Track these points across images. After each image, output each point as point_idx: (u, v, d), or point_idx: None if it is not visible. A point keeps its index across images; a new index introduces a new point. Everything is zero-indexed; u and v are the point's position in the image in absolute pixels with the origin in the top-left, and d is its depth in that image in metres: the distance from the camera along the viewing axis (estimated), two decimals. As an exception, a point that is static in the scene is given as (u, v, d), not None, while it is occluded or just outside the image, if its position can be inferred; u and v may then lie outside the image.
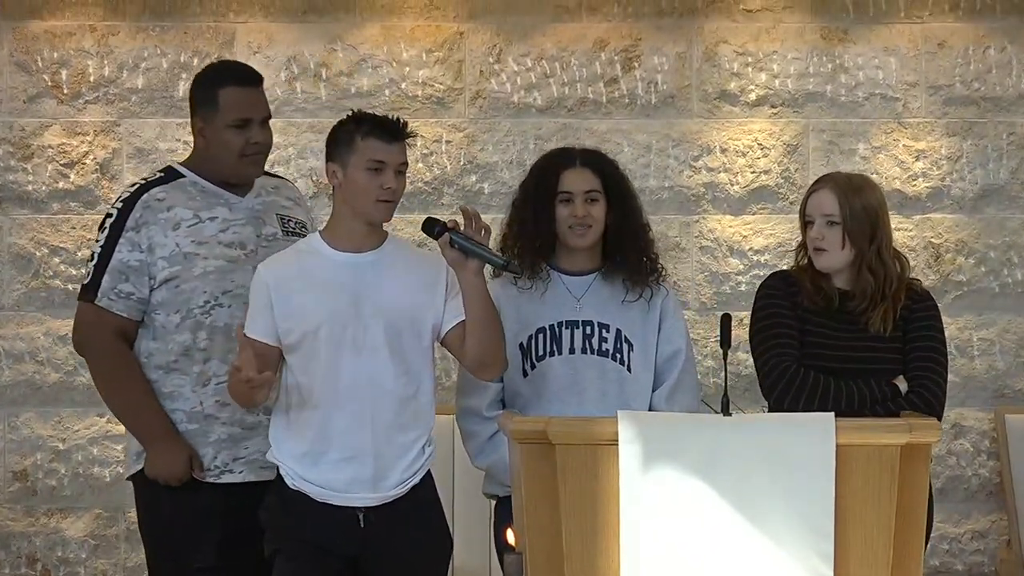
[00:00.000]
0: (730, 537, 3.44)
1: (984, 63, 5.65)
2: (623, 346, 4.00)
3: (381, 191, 3.74)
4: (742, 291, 5.54)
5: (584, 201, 3.96)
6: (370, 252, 3.80)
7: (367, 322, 3.74)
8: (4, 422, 5.57)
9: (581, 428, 3.55)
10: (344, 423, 3.75)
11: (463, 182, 5.60)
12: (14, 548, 5.56)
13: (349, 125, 3.79)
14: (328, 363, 3.75)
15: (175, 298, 4.03)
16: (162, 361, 4.05)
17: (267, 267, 3.83)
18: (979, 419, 5.63)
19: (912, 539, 3.54)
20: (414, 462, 3.81)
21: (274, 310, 3.76)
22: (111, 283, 4.04)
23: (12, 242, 5.58)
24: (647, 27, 5.63)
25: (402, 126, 3.78)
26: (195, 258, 4.02)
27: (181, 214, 4.05)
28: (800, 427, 3.50)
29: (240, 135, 4.05)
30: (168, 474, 4.01)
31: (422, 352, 3.82)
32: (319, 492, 3.77)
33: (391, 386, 3.76)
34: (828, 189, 4.05)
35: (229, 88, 4.07)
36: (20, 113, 5.59)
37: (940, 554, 5.59)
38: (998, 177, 5.65)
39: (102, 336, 4.06)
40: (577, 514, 3.49)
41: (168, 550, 4.07)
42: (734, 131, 5.64)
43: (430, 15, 5.62)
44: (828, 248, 4.03)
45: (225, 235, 4.06)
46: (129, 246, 4.04)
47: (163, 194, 4.08)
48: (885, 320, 4.02)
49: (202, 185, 4.11)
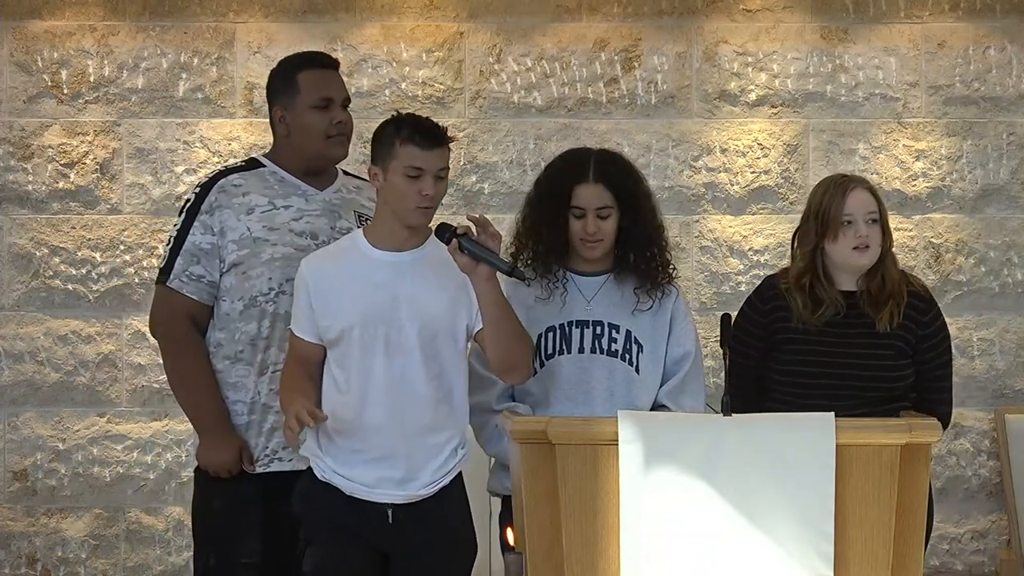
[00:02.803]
0: (730, 537, 3.44)
1: (984, 63, 5.65)
2: (632, 347, 3.99)
3: (419, 197, 3.74)
4: (742, 291, 5.54)
5: (596, 217, 3.97)
6: (410, 252, 3.81)
7: (402, 323, 3.75)
8: (4, 422, 5.57)
9: (581, 428, 3.55)
10: (377, 423, 3.75)
11: (463, 182, 5.60)
12: (14, 548, 5.56)
13: (389, 128, 3.78)
14: (361, 362, 3.76)
15: (241, 284, 4.03)
16: (230, 351, 4.05)
17: (308, 263, 3.85)
18: (979, 419, 5.64)
19: (912, 539, 3.54)
20: (445, 463, 3.81)
21: (313, 307, 3.78)
22: (183, 265, 4.06)
23: (12, 242, 5.58)
24: (647, 27, 5.63)
25: (442, 131, 3.77)
26: (264, 244, 4.02)
27: (256, 200, 4.06)
28: (800, 427, 3.50)
29: (324, 116, 4.07)
30: (218, 464, 4.02)
31: (456, 354, 3.81)
32: (348, 486, 3.77)
33: (423, 388, 3.76)
34: (863, 188, 4.09)
35: (308, 71, 4.09)
36: (20, 113, 5.59)
37: (940, 554, 5.60)
38: (998, 177, 5.66)
39: (172, 320, 4.08)
40: (577, 514, 3.49)
41: (215, 544, 4.07)
42: (734, 131, 5.64)
43: (430, 15, 5.62)
44: (872, 245, 4.06)
45: (298, 224, 4.05)
46: (202, 229, 4.05)
47: (240, 180, 4.09)
48: (892, 318, 4.05)
49: (281, 175, 4.12)
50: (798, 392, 4.02)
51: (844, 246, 4.05)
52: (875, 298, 4.07)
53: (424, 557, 3.80)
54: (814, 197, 4.13)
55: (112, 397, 5.57)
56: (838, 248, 4.05)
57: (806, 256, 4.10)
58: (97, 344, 5.56)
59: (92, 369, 5.56)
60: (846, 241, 4.05)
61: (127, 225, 5.56)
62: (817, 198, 4.11)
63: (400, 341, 3.74)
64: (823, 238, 4.07)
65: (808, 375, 4.04)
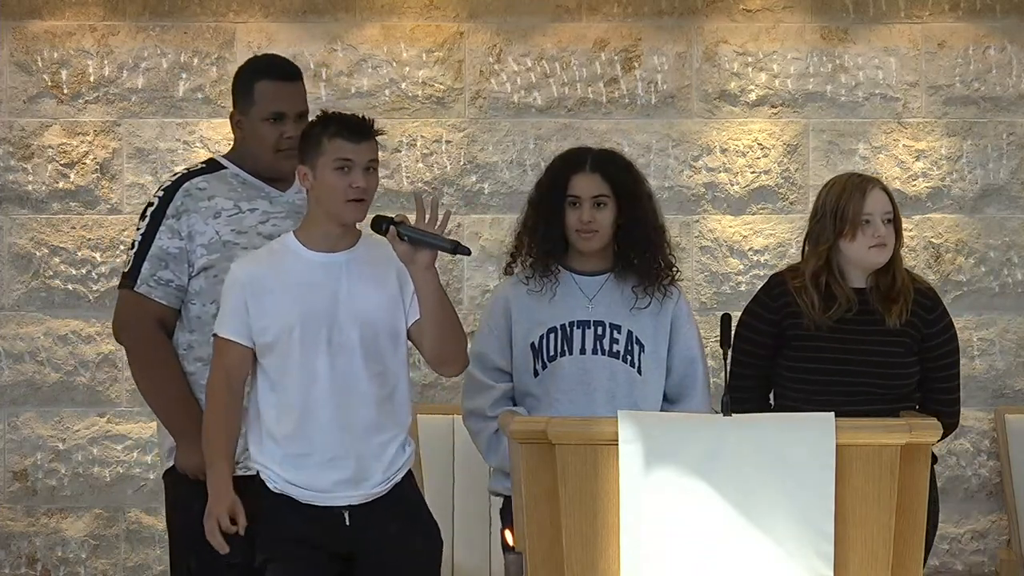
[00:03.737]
0: (730, 537, 3.44)
1: (984, 63, 5.65)
2: (634, 347, 4.00)
3: (350, 190, 3.72)
4: (742, 291, 5.54)
5: (591, 206, 3.97)
6: (344, 252, 3.80)
7: (342, 323, 3.74)
8: (4, 422, 5.57)
9: (581, 428, 3.55)
10: (322, 425, 3.74)
11: (463, 182, 5.60)
12: (14, 548, 5.56)
13: (316, 127, 3.79)
14: (303, 364, 3.74)
15: (212, 288, 4.01)
16: (203, 353, 4.03)
17: (241, 266, 3.83)
18: (979, 419, 5.63)
19: (912, 539, 3.55)
20: (394, 460, 3.81)
21: (248, 310, 3.76)
22: (151, 270, 4.05)
23: (12, 242, 5.58)
24: (647, 27, 5.63)
25: (369, 123, 3.77)
26: (234, 247, 4.02)
27: (222, 203, 4.06)
28: (800, 427, 3.50)
29: (274, 129, 4.07)
30: (196, 467, 4.00)
31: (397, 352, 3.81)
32: (303, 494, 3.76)
33: (367, 387, 3.76)
34: (880, 188, 4.14)
35: (265, 81, 4.09)
36: (20, 113, 5.59)
37: (940, 554, 5.59)
38: (998, 177, 5.65)
39: (141, 324, 4.06)
40: (577, 514, 3.49)
41: (196, 546, 4.05)
42: (734, 131, 5.64)
43: (430, 15, 5.62)
44: (888, 244, 4.10)
45: (264, 227, 4.05)
46: (169, 233, 4.05)
47: (204, 183, 4.09)
48: (901, 314, 4.08)
49: (243, 177, 4.11)
50: (809, 390, 4.03)
51: (862, 245, 4.08)
52: (885, 295, 4.10)
53: (387, 553, 3.79)
54: (829, 196, 4.14)
55: (112, 397, 5.57)
56: (856, 246, 4.08)
57: (823, 254, 4.11)
58: (97, 344, 5.56)
59: (92, 369, 5.56)
60: (864, 240, 4.09)
61: (127, 225, 5.55)
62: (834, 197, 4.13)
63: (342, 341, 3.73)
64: (840, 236, 4.09)
65: (820, 372, 4.06)
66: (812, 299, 4.08)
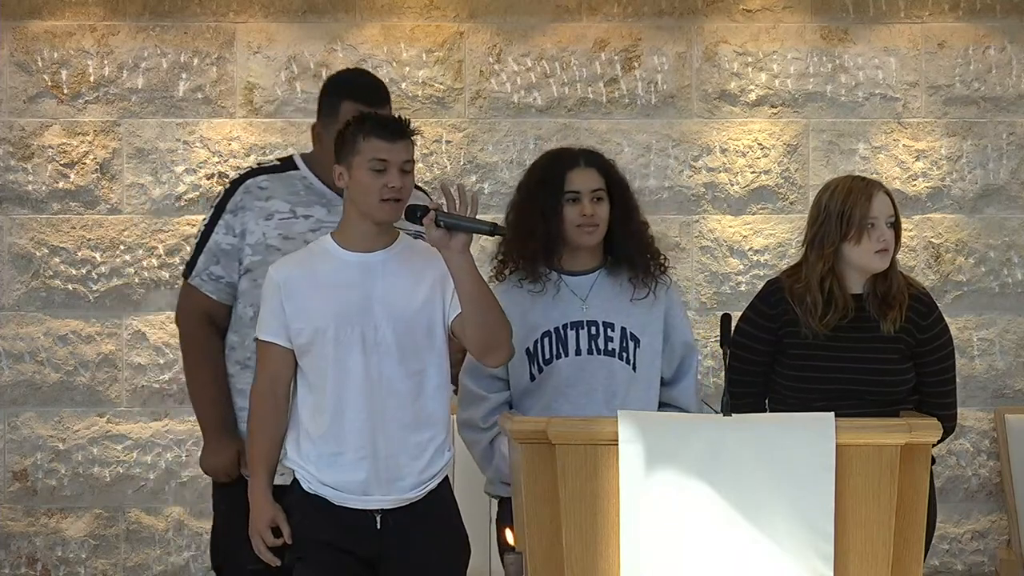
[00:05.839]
0: (730, 537, 3.44)
1: (984, 63, 5.65)
2: (629, 344, 3.99)
3: (385, 190, 3.71)
4: (742, 291, 5.54)
5: (591, 200, 3.97)
6: (380, 252, 3.79)
7: (377, 322, 3.73)
8: (4, 422, 5.57)
9: (581, 428, 3.55)
10: (356, 423, 3.73)
11: (463, 182, 5.60)
12: (14, 548, 5.56)
13: (352, 127, 3.78)
14: (338, 363, 3.73)
15: (251, 290, 4.01)
16: (241, 356, 4.05)
17: (277, 268, 3.82)
18: (979, 419, 5.64)
19: (912, 539, 3.54)
20: (430, 464, 3.78)
21: (285, 311, 3.76)
22: (205, 264, 4.06)
23: (12, 242, 5.58)
24: (647, 27, 5.63)
25: (404, 124, 3.76)
26: (276, 252, 3.99)
27: (278, 205, 4.04)
28: (800, 427, 3.50)
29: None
30: (216, 468, 4.01)
31: (434, 351, 3.79)
32: (336, 495, 3.75)
33: (402, 386, 3.75)
34: (884, 192, 4.11)
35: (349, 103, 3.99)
36: (20, 113, 5.59)
37: (940, 554, 5.59)
38: (998, 177, 5.66)
39: (191, 317, 4.09)
40: (577, 514, 3.49)
41: (225, 549, 4.06)
42: (734, 131, 5.64)
43: (430, 15, 5.62)
44: (891, 248, 4.09)
45: (314, 235, 3.98)
46: (224, 229, 4.05)
47: (266, 182, 4.07)
48: (896, 321, 4.06)
49: (310, 181, 4.08)
50: (805, 398, 4.02)
51: (867, 249, 4.05)
52: (882, 300, 4.08)
53: (416, 562, 3.78)
54: (833, 198, 4.08)
55: (112, 397, 5.57)
56: (860, 250, 4.05)
57: (829, 257, 4.09)
58: (97, 344, 5.56)
59: (92, 369, 5.56)
60: (869, 244, 4.05)
61: (127, 225, 5.56)
62: (839, 200, 4.07)
63: (377, 340, 3.73)
64: (844, 239, 4.07)
65: (816, 380, 4.04)
66: (815, 303, 4.05)
